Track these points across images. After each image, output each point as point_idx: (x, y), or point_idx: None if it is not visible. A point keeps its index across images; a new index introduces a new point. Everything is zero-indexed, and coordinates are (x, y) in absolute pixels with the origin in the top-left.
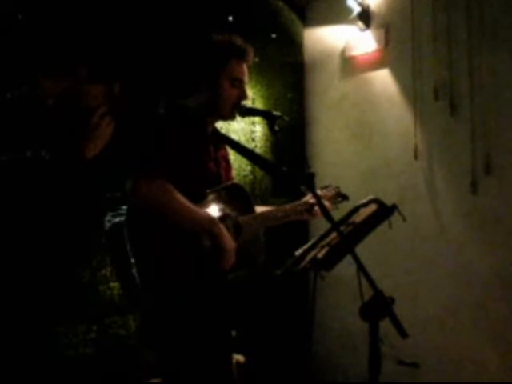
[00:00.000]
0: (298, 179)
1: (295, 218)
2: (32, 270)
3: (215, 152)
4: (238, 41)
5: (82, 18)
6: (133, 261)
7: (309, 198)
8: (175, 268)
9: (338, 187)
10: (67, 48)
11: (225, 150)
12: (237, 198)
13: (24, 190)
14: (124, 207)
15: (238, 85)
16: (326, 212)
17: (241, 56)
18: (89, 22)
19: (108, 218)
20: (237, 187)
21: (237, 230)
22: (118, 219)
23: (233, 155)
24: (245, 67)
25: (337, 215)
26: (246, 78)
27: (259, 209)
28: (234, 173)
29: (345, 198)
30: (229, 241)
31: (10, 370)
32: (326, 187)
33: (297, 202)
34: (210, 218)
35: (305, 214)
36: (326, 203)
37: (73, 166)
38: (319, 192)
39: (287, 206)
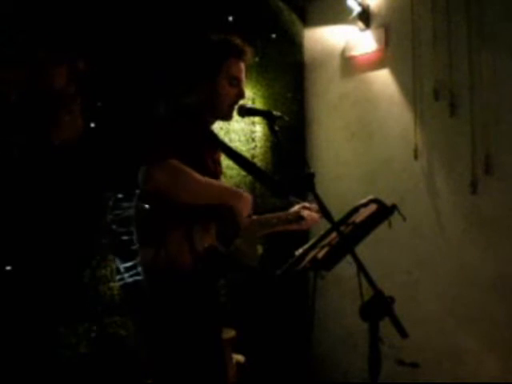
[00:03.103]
0: (288, 189)
1: (283, 228)
2: (32, 269)
3: (213, 153)
4: (236, 40)
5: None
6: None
7: (297, 209)
8: (175, 266)
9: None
10: (25, 34)
11: (218, 153)
12: None
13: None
14: (124, 204)
15: (236, 83)
16: (326, 212)
17: (238, 54)
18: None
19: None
20: None
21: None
22: (115, 216)
23: None
24: (242, 66)
25: (337, 215)
26: (244, 77)
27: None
28: (233, 172)
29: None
30: (246, 198)
31: (10, 369)
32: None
33: (286, 212)
34: (229, 187)
35: (293, 223)
36: (315, 214)
37: (41, 155)
38: (308, 204)
39: (280, 214)
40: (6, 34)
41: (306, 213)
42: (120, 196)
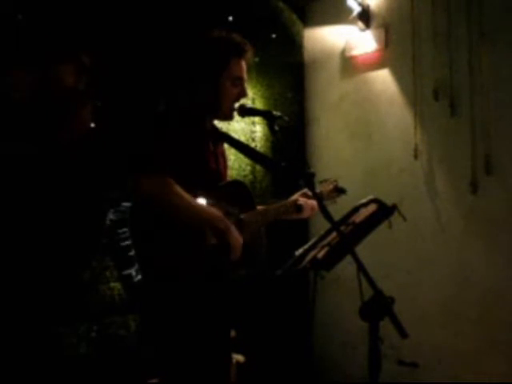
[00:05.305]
0: (297, 174)
1: (284, 217)
2: (32, 269)
3: (214, 149)
4: (237, 38)
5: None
6: (134, 258)
7: (297, 196)
8: (177, 266)
9: (335, 181)
10: (40, 37)
11: (222, 146)
12: (238, 194)
13: (18, 186)
14: (125, 204)
15: (239, 83)
16: (325, 212)
17: (240, 54)
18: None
19: (109, 215)
20: (239, 184)
21: (240, 226)
22: (115, 216)
23: (233, 155)
24: (244, 64)
25: (337, 215)
26: (246, 75)
27: (258, 207)
28: (233, 172)
29: (342, 191)
30: (236, 236)
31: (10, 369)
32: (324, 181)
33: (284, 202)
34: (217, 215)
35: (292, 212)
36: (312, 202)
37: (55, 154)
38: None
39: (277, 205)
40: (15, 35)
41: (302, 201)
42: (118, 195)
